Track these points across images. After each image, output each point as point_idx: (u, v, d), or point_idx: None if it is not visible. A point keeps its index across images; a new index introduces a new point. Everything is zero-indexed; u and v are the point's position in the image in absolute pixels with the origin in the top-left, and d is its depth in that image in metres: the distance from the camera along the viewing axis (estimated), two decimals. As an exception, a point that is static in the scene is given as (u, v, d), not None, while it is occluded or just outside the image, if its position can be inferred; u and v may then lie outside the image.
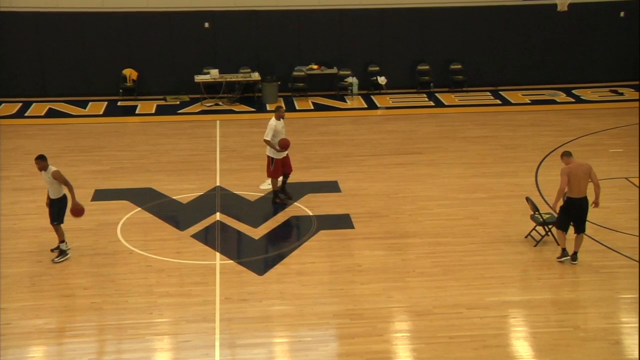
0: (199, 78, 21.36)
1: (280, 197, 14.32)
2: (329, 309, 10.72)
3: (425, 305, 10.77)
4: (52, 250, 12.25)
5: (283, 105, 13.88)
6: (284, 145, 13.91)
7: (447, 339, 9.96)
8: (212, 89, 21.51)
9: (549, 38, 22.37)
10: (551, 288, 11.30)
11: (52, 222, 12.06)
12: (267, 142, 13.89)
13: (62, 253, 12.11)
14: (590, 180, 11.75)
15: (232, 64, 21.65)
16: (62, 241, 12.12)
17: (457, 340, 9.90)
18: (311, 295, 11.09)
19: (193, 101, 21.43)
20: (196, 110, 20.91)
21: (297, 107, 21.19)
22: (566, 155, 11.94)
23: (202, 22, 21.71)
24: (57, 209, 12.00)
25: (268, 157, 14.10)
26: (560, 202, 11.85)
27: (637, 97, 21.35)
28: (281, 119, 14.04)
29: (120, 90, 21.59)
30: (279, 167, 14.09)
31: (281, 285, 11.41)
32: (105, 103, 21.31)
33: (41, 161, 11.82)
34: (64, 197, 12.02)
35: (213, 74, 21.34)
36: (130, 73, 21.55)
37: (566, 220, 11.93)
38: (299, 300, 10.94)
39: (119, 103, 21.44)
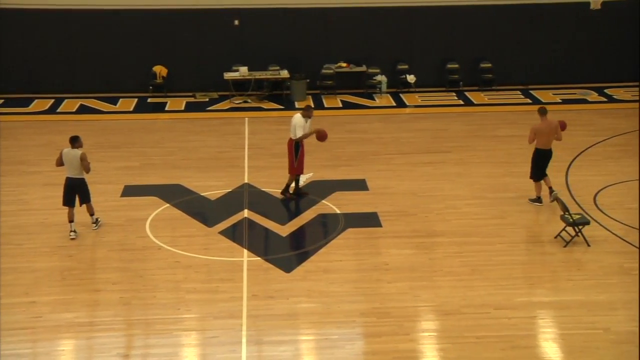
0: (228, 75, 21.44)
1: (289, 194, 14.38)
2: (355, 307, 10.71)
3: (452, 305, 10.70)
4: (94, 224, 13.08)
5: (312, 106, 13.84)
6: (322, 136, 14.03)
7: (474, 339, 9.89)
8: (240, 86, 21.58)
9: (580, 36, 22.10)
10: (581, 289, 11.16)
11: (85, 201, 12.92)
12: (301, 137, 13.94)
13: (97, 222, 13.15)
14: (555, 135, 13.89)
15: (261, 61, 21.71)
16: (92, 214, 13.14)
17: (484, 341, 9.83)
18: (338, 293, 11.08)
19: (222, 98, 21.53)
20: (225, 108, 21.00)
21: (326, 105, 21.19)
22: (542, 112, 13.96)
23: (231, 20, 21.81)
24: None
25: (293, 146, 14.06)
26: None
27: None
28: (308, 119, 14.00)
29: (150, 87, 21.75)
30: (302, 163, 14.13)
31: (308, 282, 11.41)
32: (136, 100, 21.49)
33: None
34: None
35: (242, 72, 21.40)
36: (160, 70, 21.70)
37: (540, 172, 13.84)
38: (326, 298, 10.94)
39: (149, 100, 21.61)
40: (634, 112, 19.81)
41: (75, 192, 12.83)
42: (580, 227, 12.39)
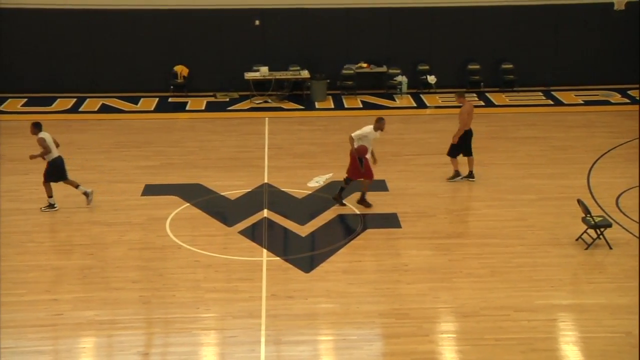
0: (248, 75, 21.49)
1: (339, 197, 14.07)
2: (374, 308, 10.69)
3: (472, 307, 10.66)
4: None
5: (384, 119, 13.69)
6: (362, 152, 13.61)
7: (493, 341, 9.84)
8: (261, 86, 21.63)
9: (603, 37, 21.91)
10: (602, 292, 11.07)
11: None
12: (351, 139, 13.66)
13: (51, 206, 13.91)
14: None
15: (281, 61, 21.74)
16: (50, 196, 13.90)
17: (504, 343, 9.78)
18: (357, 294, 11.07)
19: (242, 98, 21.58)
20: (245, 107, 21.06)
21: (346, 106, 21.17)
22: (461, 95, 15.21)
23: (252, 20, 21.86)
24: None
25: (356, 157, 13.69)
26: None
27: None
28: (378, 131, 13.69)
29: (171, 87, 21.87)
30: (370, 167, 13.73)
31: (327, 283, 11.41)
32: (157, 99, 21.62)
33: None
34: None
35: (262, 72, 21.45)
36: (181, 70, 21.81)
37: (459, 149, 14.98)
38: (345, 299, 10.94)
39: (170, 99, 21.72)
40: (658, 113, 19.62)
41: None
42: (602, 229, 12.28)
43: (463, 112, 14.98)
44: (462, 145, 15.05)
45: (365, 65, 22.01)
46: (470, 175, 15.21)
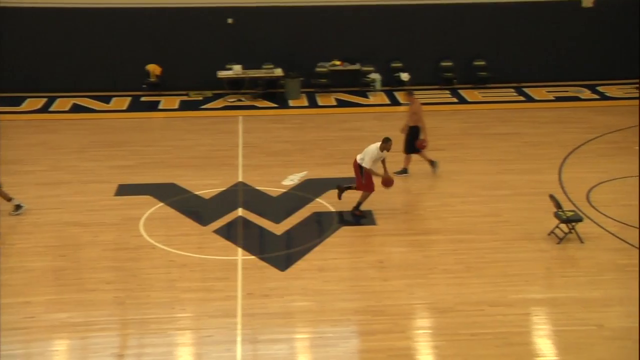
0: (221, 74, 21.42)
1: (360, 210, 13.52)
2: (350, 306, 10.71)
3: (447, 302, 10.71)
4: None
5: (391, 139, 13.48)
6: (388, 183, 13.36)
7: (469, 336, 9.90)
8: (235, 84, 21.57)
9: (573, 34, 22.15)
10: (575, 286, 11.19)
11: None
12: (367, 170, 13.22)
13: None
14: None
15: (255, 59, 21.70)
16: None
17: (479, 338, 9.84)
18: (333, 292, 11.08)
19: (216, 97, 21.51)
20: (219, 106, 20.98)
21: (320, 103, 21.18)
22: (410, 94, 15.69)
23: (225, 18, 21.78)
24: None
25: (359, 168, 13.32)
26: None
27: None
28: (385, 151, 13.31)
29: (144, 86, 21.72)
30: (370, 179, 13.33)
31: (303, 281, 11.41)
32: (129, 98, 21.46)
33: None
34: None
35: (236, 70, 21.39)
36: (153, 69, 21.66)
37: (414, 146, 15.21)
38: (321, 297, 10.94)
39: (143, 98, 21.57)
40: (627, 109, 19.88)
41: None
42: (573, 224, 12.41)
43: (418, 111, 15.28)
44: (412, 142, 15.29)
45: (338, 63, 22.04)
46: (404, 171, 15.39)
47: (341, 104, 21.18)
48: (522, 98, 21.40)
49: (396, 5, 21.98)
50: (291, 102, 21.08)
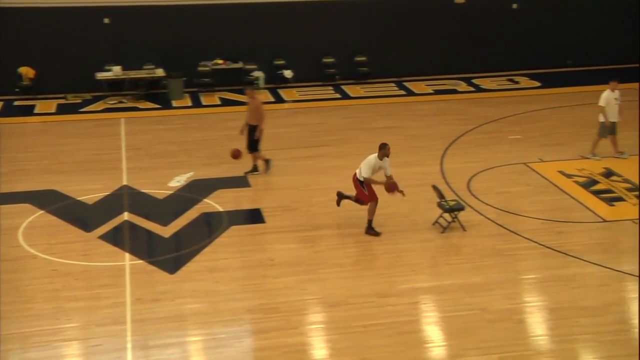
0: (100, 75, 20.81)
1: (374, 230, 12.76)
2: (242, 305, 10.68)
3: (338, 296, 10.86)
4: None
5: (387, 144, 12.80)
6: (391, 189, 12.66)
7: (361, 328, 10.08)
8: (115, 86, 21.00)
9: (449, 29, 22.90)
10: (459, 273, 11.61)
11: None
12: (367, 180, 12.59)
13: None
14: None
15: (135, 60, 21.18)
16: None
17: (371, 329, 10.04)
18: (224, 292, 11.01)
19: (96, 99, 20.87)
20: (99, 109, 20.37)
21: (204, 103, 20.95)
22: (252, 91, 15.69)
23: (101, 18, 21.15)
24: None
25: (358, 181, 12.72)
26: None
27: (533, 85, 22.19)
28: (385, 157, 12.62)
29: (17, 90, 20.76)
30: (372, 189, 12.67)
31: (193, 283, 11.27)
32: (1, 103, 20.47)
33: None
34: None
35: (115, 71, 20.83)
36: (26, 71, 20.75)
37: (257, 143, 15.18)
38: (212, 298, 10.85)
39: (16, 103, 20.63)
40: (501, 100, 20.80)
41: None
42: (456, 213, 12.86)
43: (253, 108, 15.25)
44: (257, 140, 15.19)
45: (221, 61, 21.87)
46: (255, 169, 15.42)
47: (225, 103, 21.03)
48: (402, 92, 21.96)
49: (277, 3, 22.04)
50: (174, 103, 20.75)
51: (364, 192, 12.70)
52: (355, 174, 12.87)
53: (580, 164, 15.64)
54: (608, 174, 15.15)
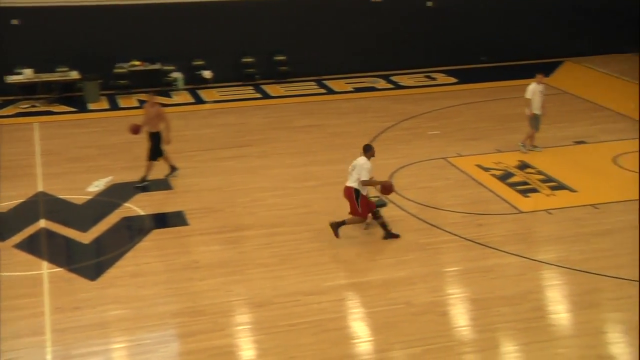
0: (11, 79, 20.13)
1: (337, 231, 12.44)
2: (167, 309, 10.53)
3: (264, 296, 10.85)
4: None
5: (372, 145, 12.53)
6: (387, 189, 12.54)
7: (287, 327, 10.09)
8: (28, 89, 20.34)
9: (367, 28, 23.13)
10: (383, 268, 11.76)
11: None
12: (365, 182, 12.14)
13: None
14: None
15: (47, 62, 20.55)
16: None
17: (297, 328, 10.06)
18: (148, 297, 10.83)
19: (6, 103, 20.16)
20: (11, 113, 19.69)
21: (121, 105, 20.53)
22: (152, 96, 15.09)
23: (9, 19, 20.43)
24: None
25: (353, 193, 12.27)
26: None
27: (450, 82, 22.67)
28: (372, 159, 12.38)
29: None
30: (366, 204, 12.37)
31: (116, 289, 11.04)
32: None
33: None
34: None
35: (27, 74, 20.20)
36: None
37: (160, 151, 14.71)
38: (136, 303, 10.66)
39: None
40: (419, 97, 21.16)
41: None
42: (378, 209, 13.01)
43: (153, 115, 14.74)
44: (158, 147, 14.74)
45: (138, 63, 21.48)
46: (173, 169, 14.99)
47: (144, 104, 20.62)
48: (323, 90, 22.07)
49: (194, 3, 21.80)
50: (91, 106, 20.25)
51: (358, 208, 12.26)
52: (347, 185, 12.32)
53: (497, 158, 16.08)
54: (523, 166, 15.63)
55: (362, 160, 12.27)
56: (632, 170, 15.15)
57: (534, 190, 14.47)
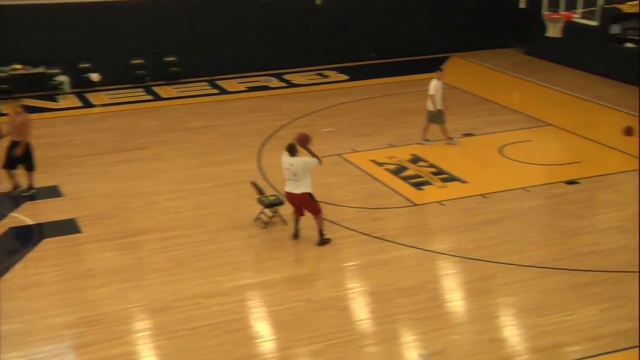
0: None
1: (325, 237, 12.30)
2: (61, 320, 10.17)
3: (163, 301, 10.65)
4: None
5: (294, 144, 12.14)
6: (305, 139, 12.20)
7: (188, 331, 9.95)
8: None
9: (257, 27, 23.10)
10: (283, 266, 11.78)
11: None
12: (318, 160, 12.07)
13: None
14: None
15: None
16: None
17: (198, 331, 9.94)
18: (40, 309, 10.42)
19: None
20: None
21: (4, 111, 19.61)
22: (18, 104, 14.53)
23: None
24: None
25: (308, 197, 12.09)
26: None
27: (341, 79, 22.96)
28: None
29: None
30: (314, 199, 12.15)
31: (5, 303, 10.56)
32: None
33: None
34: None
35: None
36: None
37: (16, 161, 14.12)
38: (27, 316, 10.23)
39: None
40: (313, 94, 21.33)
41: None
42: (276, 207, 13.04)
43: (18, 122, 14.19)
44: (18, 157, 14.13)
45: (19, 66, 20.61)
46: (30, 188, 14.31)
47: (28, 110, 19.62)
48: (216, 91, 21.88)
49: (78, 3, 21.11)
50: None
51: (317, 206, 12.20)
52: (294, 193, 12.02)
53: (390, 152, 16.42)
54: (415, 160, 16.03)
55: (300, 162, 11.94)
56: (517, 160, 15.83)
57: (427, 183, 14.87)
